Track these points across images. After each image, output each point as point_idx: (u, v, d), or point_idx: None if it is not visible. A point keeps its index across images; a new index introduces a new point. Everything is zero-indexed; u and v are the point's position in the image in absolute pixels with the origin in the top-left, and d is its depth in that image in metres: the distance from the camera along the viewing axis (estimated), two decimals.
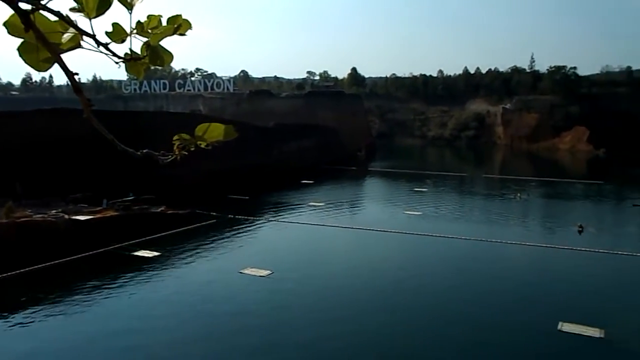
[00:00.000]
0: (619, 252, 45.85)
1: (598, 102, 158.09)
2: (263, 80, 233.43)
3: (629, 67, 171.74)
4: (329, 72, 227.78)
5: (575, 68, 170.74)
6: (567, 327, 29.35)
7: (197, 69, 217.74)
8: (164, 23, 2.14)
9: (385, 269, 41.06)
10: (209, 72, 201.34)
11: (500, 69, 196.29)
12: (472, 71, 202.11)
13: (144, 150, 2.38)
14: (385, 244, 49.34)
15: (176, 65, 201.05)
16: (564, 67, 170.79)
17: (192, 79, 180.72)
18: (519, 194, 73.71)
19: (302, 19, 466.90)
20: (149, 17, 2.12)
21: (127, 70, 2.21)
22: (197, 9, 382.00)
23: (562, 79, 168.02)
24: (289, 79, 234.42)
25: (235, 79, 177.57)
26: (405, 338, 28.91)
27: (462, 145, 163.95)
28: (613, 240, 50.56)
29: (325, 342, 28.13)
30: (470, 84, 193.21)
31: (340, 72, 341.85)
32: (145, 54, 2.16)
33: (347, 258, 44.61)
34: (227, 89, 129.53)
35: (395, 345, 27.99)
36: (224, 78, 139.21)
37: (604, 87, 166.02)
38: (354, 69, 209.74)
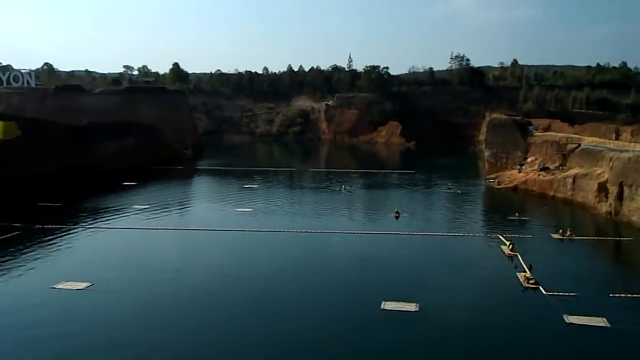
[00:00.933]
0: (430, 233, 50.64)
1: (407, 99, 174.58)
2: (72, 74, 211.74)
3: (431, 68, 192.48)
4: (149, 67, 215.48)
5: (387, 68, 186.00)
6: (388, 305, 31.89)
7: None
8: None
9: (217, 268, 39.65)
10: (4, 64, 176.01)
11: (322, 67, 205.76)
12: (295, 69, 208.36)
13: None
14: (217, 243, 47.93)
15: None
16: (378, 66, 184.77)
17: None
18: (343, 186, 77.46)
19: (117, 7, 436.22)
20: None
21: None
22: None
23: (377, 78, 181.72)
24: (103, 74, 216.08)
25: (37, 72, 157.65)
26: (241, 331, 28.09)
27: (290, 140, 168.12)
28: (425, 223, 55.65)
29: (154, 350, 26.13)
30: (295, 81, 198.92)
31: (162, 67, 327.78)
32: None
33: (176, 261, 42.13)
34: (28, 83, 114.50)
35: (230, 340, 27.05)
36: (23, 71, 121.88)
37: (411, 86, 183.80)
38: (176, 64, 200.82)
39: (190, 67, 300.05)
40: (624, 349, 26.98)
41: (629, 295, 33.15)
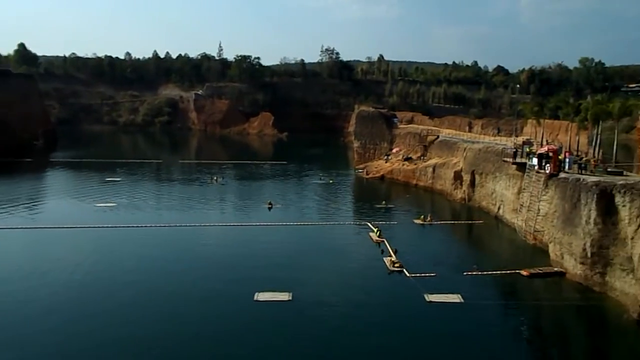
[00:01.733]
0: (303, 223, 51.24)
1: (279, 90, 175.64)
2: None
3: (302, 60, 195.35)
4: None
5: (259, 58, 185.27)
6: (262, 296, 31.70)
7: None
8: None
9: (76, 267, 36.24)
10: None
11: (191, 55, 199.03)
12: (162, 55, 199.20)
13: None
14: (76, 242, 43.84)
15: None
16: (249, 56, 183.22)
17: None
18: (215, 178, 75.61)
19: None
20: None
21: None
22: None
23: (248, 68, 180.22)
24: None
25: None
26: (107, 330, 25.89)
27: (156, 131, 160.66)
28: (297, 213, 56.18)
29: None
30: (161, 69, 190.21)
31: (4, 47, 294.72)
32: None
33: (26, 263, 37.80)
34: None
35: (93, 338, 24.82)
36: None
37: (283, 77, 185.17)
38: (22, 45, 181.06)
39: (40, 48, 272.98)
40: (476, 321, 29.45)
41: (479, 273, 36.29)
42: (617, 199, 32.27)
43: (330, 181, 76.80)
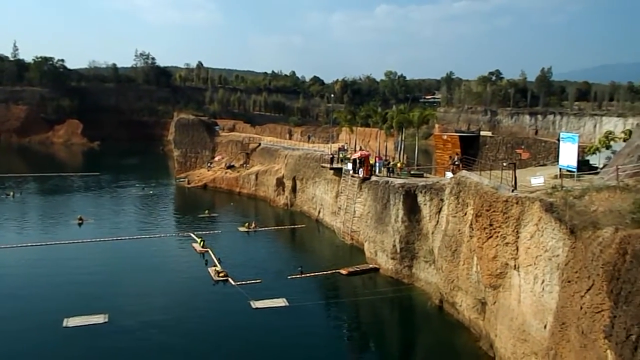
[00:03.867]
0: (120, 238, 47.64)
1: (88, 96, 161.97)
2: None
3: (114, 64, 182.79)
4: None
5: (63, 60, 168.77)
6: (72, 321, 28.71)
7: None
8: None
9: None
10: None
11: None
12: None
13: None
14: None
15: None
16: (51, 58, 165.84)
17: None
18: (12, 193, 66.68)
19: None
20: None
21: None
22: None
23: (51, 71, 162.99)
24: None
25: None
26: None
27: None
28: (113, 228, 52.08)
29: None
30: None
31: None
32: None
33: None
34: None
35: None
36: None
37: (93, 82, 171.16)
38: None
39: None
40: (301, 322, 30.28)
41: (303, 276, 37.43)
42: (419, 199, 35.92)
43: (151, 192, 72.95)
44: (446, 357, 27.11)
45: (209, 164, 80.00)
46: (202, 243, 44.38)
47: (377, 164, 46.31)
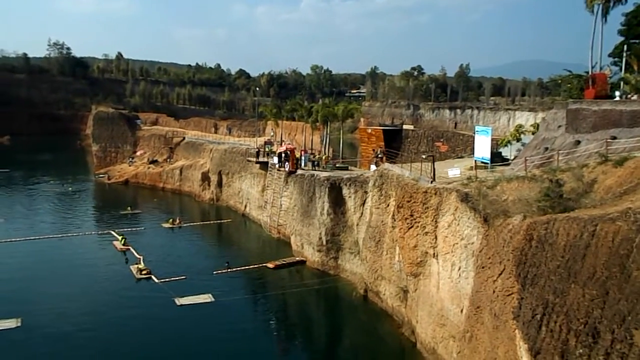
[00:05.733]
0: (35, 238, 44.95)
1: None
2: None
3: (25, 54, 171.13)
4: None
5: None
6: None
7: None
8: None
9: None
10: None
11: None
12: None
13: None
14: None
15: None
16: None
17: None
18: None
19: None
20: None
21: None
22: None
23: None
24: None
25: None
26: None
27: None
28: (27, 227, 49.08)
29: None
30: None
31: None
32: None
33: None
34: None
35: None
36: None
37: (1, 72, 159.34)
38: None
39: None
40: (227, 318, 30.06)
41: (229, 271, 37.04)
42: (344, 191, 36.51)
43: (69, 189, 69.28)
44: (370, 344, 27.83)
45: (130, 159, 77.05)
46: (123, 240, 42.79)
47: (303, 158, 46.56)
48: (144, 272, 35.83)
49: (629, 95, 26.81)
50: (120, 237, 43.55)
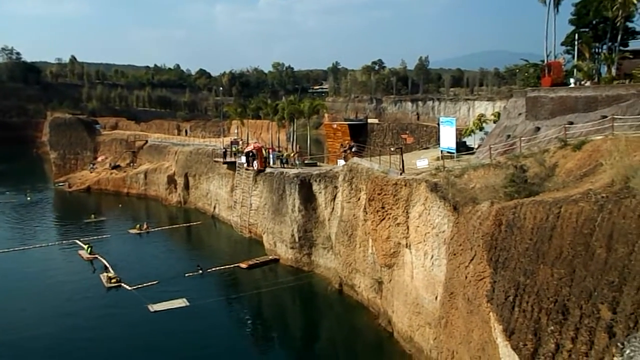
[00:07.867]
0: None
1: None
2: None
3: None
4: None
5: None
6: None
7: None
8: None
9: None
10: None
11: None
12: None
13: None
14: None
15: None
16: None
17: None
18: None
19: None
20: None
21: None
22: None
23: None
24: None
25: None
26: None
27: None
28: None
29: None
30: None
31: None
32: None
33: None
34: None
35: None
36: None
37: None
38: None
39: None
40: (203, 321, 29.79)
41: (202, 273, 36.78)
42: (314, 187, 36.71)
43: (28, 199, 67.17)
44: (347, 337, 28.18)
45: (91, 165, 75.24)
46: (89, 249, 41.87)
47: (271, 156, 46.52)
48: (113, 280, 35.20)
49: (583, 82, 27.93)
50: (86, 246, 42.59)
